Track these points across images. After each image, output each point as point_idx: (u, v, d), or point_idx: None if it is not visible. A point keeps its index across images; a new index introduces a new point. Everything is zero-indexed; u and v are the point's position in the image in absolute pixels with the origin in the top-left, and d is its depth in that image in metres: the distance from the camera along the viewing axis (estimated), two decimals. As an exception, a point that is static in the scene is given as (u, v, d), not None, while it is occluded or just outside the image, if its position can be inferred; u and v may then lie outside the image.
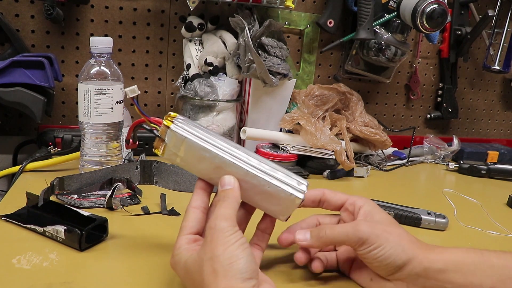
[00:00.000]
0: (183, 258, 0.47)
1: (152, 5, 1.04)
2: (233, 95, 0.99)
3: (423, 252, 0.50)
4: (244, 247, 0.44)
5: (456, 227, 0.77)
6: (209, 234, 0.45)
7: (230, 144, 0.51)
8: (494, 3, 1.22)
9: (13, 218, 0.64)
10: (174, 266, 0.48)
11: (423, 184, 1.06)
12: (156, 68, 1.08)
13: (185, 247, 0.47)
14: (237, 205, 0.49)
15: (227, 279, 0.42)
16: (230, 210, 0.47)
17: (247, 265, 0.43)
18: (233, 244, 0.43)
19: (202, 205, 0.51)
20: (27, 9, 0.98)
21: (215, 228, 0.45)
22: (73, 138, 0.96)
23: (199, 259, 0.44)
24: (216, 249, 0.43)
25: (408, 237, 0.51)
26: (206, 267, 0.43)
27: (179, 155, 0.51)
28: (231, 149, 0.51)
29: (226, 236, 0.44)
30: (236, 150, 0.51)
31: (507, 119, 1.40)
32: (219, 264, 0.42)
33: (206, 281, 0.43)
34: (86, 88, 0.76)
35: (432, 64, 1.28)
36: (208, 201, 0.52)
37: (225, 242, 0.43)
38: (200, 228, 0.50)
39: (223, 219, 0.45)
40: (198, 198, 0.51)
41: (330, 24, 1.11)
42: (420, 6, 1.01)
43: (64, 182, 0.74)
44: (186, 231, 0.49)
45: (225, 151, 0.50)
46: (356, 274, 0.55)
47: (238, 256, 0.43)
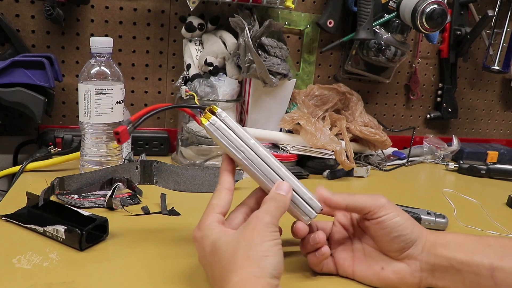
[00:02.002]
0: (213, 236, 0.47)
1: (152, 5, 1.04)
2: (233, 95, 1.00)
3: (428, 231, 0.54)
4: (279, 247, 0.45)
5: (456, 227, 0.77)
6: (253, 222, 0.46)
7: (260, 155, 0.53)
8: (494, 3, 1.22)
9: (13, 218, 0.64)
10: (200, 240, 0.49)
11: (423, 184, 1.06)
12: (156, 68, 1.08)
13: (217, 225, 0.48)
14: (284, 211, 0.50)
15: (259, 269, 0.42)
16: (277, 212, 0.49)
17: (279, 265, 0.44)
18: (271, 241, 0.45)
19: (232, 187, 0.53)
20: (27, 10, 0.98)
21: (261, 220, 0.46)
22: (73, 138, 0.97)
23: (235, 242, 0.45)
24: (256, 238, 0.44)
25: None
26: (241, 251, 0.44)
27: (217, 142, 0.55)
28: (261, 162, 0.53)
29: (268, 231, 0.45)
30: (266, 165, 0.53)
31: (507, 119, 1.40)
32: (255, 252, 0.43)
33: (237, 264, 0.43)
34: (86, 88, 0.77)
35: (432, 64, 1.28)
36: (234, 183, 0.54)
37: (264, 235, 0.45)
38: (228, 209, 0.52)
39: (270, 215, 0.47)
40: (229, 180, 0.53)
41: (330, 24, 1.11)
42: (420, 6, 1.01)
43: (64, 182, 0.74)
44: (218, 209, 0.50)
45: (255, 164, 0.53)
46: (362, 270, 0.55)
47: (275, 252, 0.44)
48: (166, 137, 1.05)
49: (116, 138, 0.49)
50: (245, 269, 0.42)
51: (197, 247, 0.50)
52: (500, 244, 0.51)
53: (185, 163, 0.97)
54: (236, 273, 0.43)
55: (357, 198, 0.54)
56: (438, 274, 0.52)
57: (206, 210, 0.51)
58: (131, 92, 1.07)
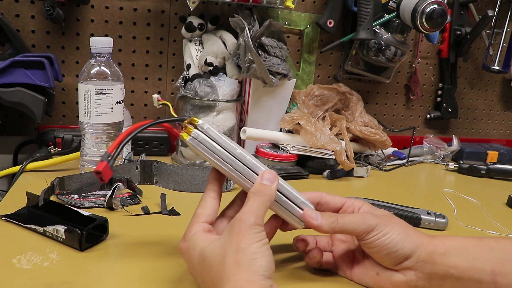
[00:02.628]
0: (199, 245, 0.47)
1: (152, 5, 1.04)
2: (233, 95, 1.00)
3: (426, 238, 0.52)
4: (267, 247, 0.45)
5: (456, 227, 0.77)
6: (237, 226, 0.45)
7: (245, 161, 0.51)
8: (494, 3, 1.22)
9: (13, 218, 0.64)
10: (186, 251, 0.48)
11: (423, 184, 1.06)
12: (156, 68, 1.08)
13: (201, 234, 0.48)
14: (270, 204, 0.49)
15: (250, 273, 0.42)
16: (262, 207, 0.48)
17: (269, 265, 0.44)
18: (258, 242, 0.44)
19: (218, 195, 0.52)
20: (27, 10, 0.98)
21: (244, 222, 0.45)
22: (74, 138, 0.97)
23: (222, 249, 0.44)
24: (242, 242, 0.44)
25: (411, 227, 0.53)
26: (229, 258, 0.43)
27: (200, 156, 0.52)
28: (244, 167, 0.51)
29: (253, 233, 0.45)
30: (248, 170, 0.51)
31: (507, 119, 1.40)
32: (244, 257, 0.43)
33: (227, 272, 0.43)
34: (86, 88, 0.77)
35: (432, 64, 1.28)
36: (221, 191, 0.53)
37: (251, 238, 0.44)
38: (214, 218, 0.51)
39: (253, 215, 0.46)
40: (216, 188, 0.52)
41: (330, 24, 1.11)
42: (420, 6, 1.01)
43: (64, 182, 0.74)
44: (203, 218, 0.49)
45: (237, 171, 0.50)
46: (359, 273, 0.55)
47: (263, 253, 0.44)
48: (166, 137, 1.05)
49: (98, 177, 0.45)
50: (236, 275, 0.42)
51: (185, 258, 0.49)
52: (502, 247, 0.50)
53: (185, 163, 0.97)
54: (228, 281, 0.42)
55: (345, 222, 0.51)
56: (435, 282, 0.51)
57: (191, 220, 0.50)
58: (131, 92, 1.07)
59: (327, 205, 0.57)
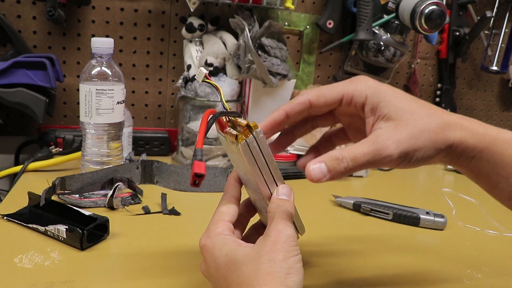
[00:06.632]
0: (227, 246, 0.44)
1: (153, 6, 1.04)
2: (233, 96, 1.00)
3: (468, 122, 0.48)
4: (301, 265, 0.43)
5: (455, 226, 0.77)
6: (274, 236, 0.43)
7: None
8: (492, 4, 1.22)
9: (15, 217, 0.65)
10: (211, 250, 0.45)
11: (422, 183, 1.06)
12: (156, 68, 1.09)
13: (230, 236, 0.45)
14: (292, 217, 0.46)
15: (283, 287, 0.40)
16: (291, 221, 0.46)
17: (301, 284, 0.42)
18: (294, 257, 0.42)
19: (239, 198, 0.49)
20: (29, 10, 0.98)
21: (282, 232, 0.43)
22: (75, 138, 0.97)
23: (256, 256, 0.42)
24: (280, 253, 0.42)
25: (438, 113, 0.48)
26: (264, 267, 0.41)
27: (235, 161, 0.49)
28: None
29: (291, 245, 0.43)
30: None
31: (505, 119, 1.40)
32: (279, 268, 0.41)
33: (260, 280, 0.41)
34: (87, 88, 0.77)
35: (430, 65, 1.29)
36: (241, 195, 0.50)
37: (287, 251, 0.42)
38: (235, 220, 0.48)
39: (289, 227, 0.44)
40: (237, 190, 0.49)
41: (329, 25, 1.11)
42: (419, 7, 1.01)
43: (65, 181, 0.74)
44: (228, 217, 0.47)
45: None
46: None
47: (297, 270, 0.42)
48: (166, 137, 1.05)
49: (199, 181, 0.42)
50: (268, 286, 0.40)
51: (206, 256, 0.45)
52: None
53: (185, 163, 0.97)
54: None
55: (358, 162, 0.47)
56: None
57: (215, 216, 0.47)
58: (131, 92, 1.08)
59: (321, 107, 0.53)
